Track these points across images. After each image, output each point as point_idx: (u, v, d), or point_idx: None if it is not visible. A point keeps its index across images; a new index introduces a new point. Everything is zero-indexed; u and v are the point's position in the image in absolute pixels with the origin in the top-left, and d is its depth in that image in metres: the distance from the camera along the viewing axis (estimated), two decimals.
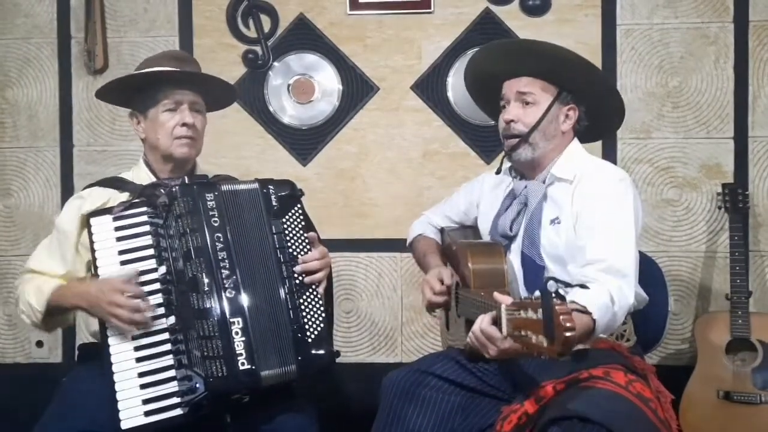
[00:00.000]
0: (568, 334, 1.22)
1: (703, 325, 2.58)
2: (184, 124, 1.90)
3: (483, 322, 1.49)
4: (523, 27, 2.79)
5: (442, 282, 1.92)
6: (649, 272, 2.06)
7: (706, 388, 2.49)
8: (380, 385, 1.84)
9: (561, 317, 1.23)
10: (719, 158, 2.77)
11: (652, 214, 2.79)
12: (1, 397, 2.86)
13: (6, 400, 2.84)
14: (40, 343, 2.90)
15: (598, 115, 1.94)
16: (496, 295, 1.48)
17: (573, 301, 1.54)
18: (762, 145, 2.76)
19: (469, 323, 1.69)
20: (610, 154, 2.77)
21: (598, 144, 2.75)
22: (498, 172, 2.02)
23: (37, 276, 1.89)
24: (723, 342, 2.51)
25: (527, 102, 1.86)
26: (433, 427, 1.74)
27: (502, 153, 1.97)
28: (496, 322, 1.45)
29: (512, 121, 1.86)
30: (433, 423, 1.74)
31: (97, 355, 1.83)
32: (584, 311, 1.55)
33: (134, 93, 1.96)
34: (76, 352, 2.14)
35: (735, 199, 2.59)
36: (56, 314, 1.87)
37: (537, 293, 1.30)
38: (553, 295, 1.26)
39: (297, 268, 1.77)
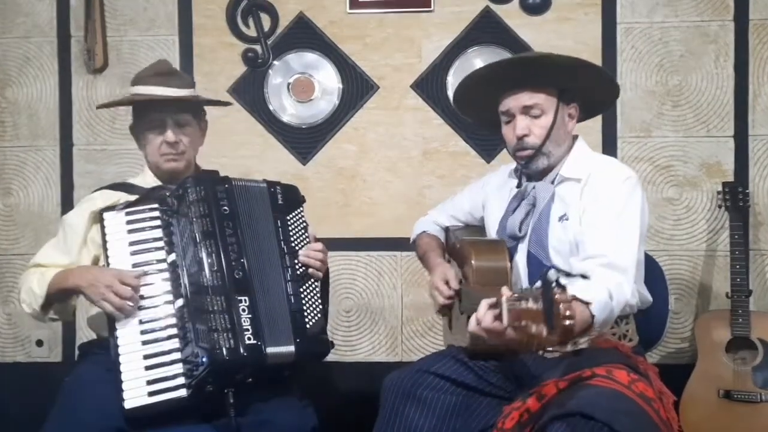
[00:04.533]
0: (567, 322, 1.22)
1: (704, 324, 2.58)
2: (166, 142, 1.95)
3: (485, 318, 1.43)
4: (523, 26, 2.78)
5: (448, 283, 1.92)
6: (649, 271, 2.04)
7: (707, 387, 2.50)
8: (380, 385, 1.84)
9: (561, 305, 1.23)
10: (719, 157, 2.77)
11: (653, 213, 2.78)
12: (0, 397, 2.86)
13: (6, 399, 2.84)
14: (40, 343, 2.90)
15: (593, 100, 1.94)
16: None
17: (575, 296, 1.54)
18: (762, 143, 2.76)
19: None
20: (610, 153, 2.75)
21: (599, 143, 2.75)
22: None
23: (41, 267, 1.94)
24: (723, 341, 2.51)
25: (535, 114, 1.83)
26: (434, 427, 1.73)
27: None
28: (498, 316, 1.42)
29: (525, 135, 1.83)
30: (434, 423, 1.73)
31: (98, 352, 1.87)
32: (586, 304, 1.54)
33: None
34: (77, 352, 2.14)
35: (735, 197, 2.59)
36: (56, 301, 1.90)
37: (538, 283, 1.30)
38: (554, 284, 1.25)
39: (301, 258, 1.88)
